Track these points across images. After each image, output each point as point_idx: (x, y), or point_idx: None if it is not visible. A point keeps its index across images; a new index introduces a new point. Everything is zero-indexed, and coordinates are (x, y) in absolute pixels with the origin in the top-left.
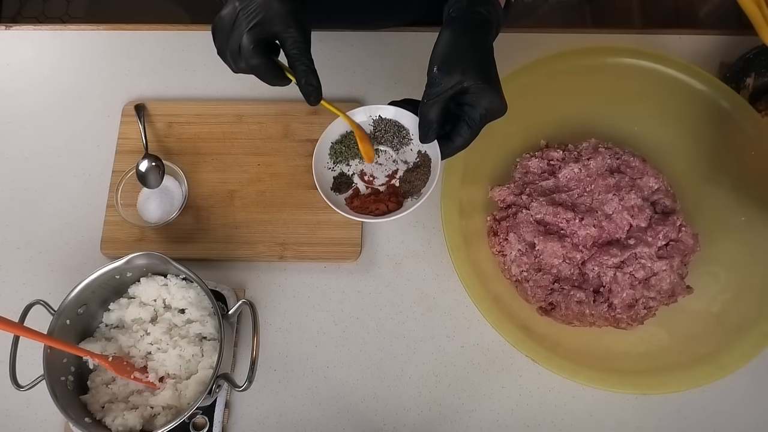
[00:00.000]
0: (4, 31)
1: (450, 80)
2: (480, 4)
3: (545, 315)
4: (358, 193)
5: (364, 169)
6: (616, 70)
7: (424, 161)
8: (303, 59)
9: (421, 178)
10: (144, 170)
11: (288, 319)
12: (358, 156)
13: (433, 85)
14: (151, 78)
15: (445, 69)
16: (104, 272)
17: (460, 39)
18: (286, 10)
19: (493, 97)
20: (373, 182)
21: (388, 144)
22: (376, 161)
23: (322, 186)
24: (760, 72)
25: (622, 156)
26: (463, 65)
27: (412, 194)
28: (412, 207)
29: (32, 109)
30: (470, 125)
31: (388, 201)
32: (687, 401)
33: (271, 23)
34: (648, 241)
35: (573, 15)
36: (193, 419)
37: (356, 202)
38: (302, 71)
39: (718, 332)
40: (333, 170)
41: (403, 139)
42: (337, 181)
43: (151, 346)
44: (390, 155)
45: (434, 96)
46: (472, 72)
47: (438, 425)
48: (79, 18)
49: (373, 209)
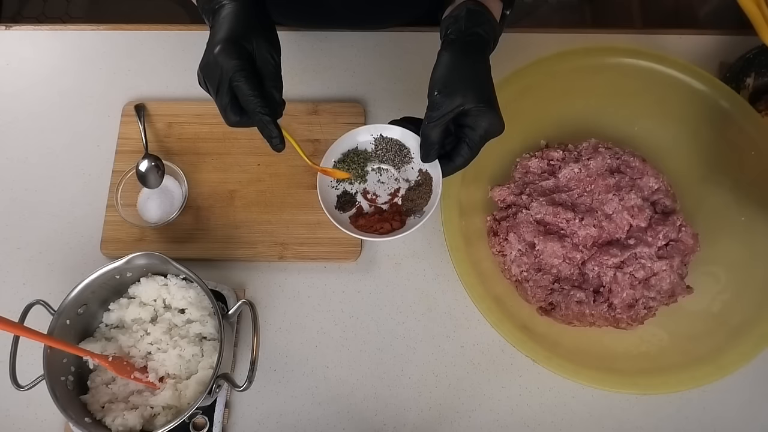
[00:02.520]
0: (4, 31)
1: (451, 104)
2: (477, 24)
3: (545, 315)
4: (362, 212)
5: (367, 187)
6: (616, 70)
7: (425, 180)
8: (257, 113)
9: (423, 196)
10: (144, 170)
11: (288, 319)
12: (360, 176)
13: (435, 108)
14: (151, 78)
15: (446, 93)
16: (104, 272)
17: (460, 62)
18: (234, 66)
19: (492, 118)
20: (376, 200)
21: (389, 163)
22: (379, 180)
23: (327, 205)
24: (760, 72)
25: (622, 156)
26: (463, 89)
27: (415, 212)
28: (415, 225)
29: (32, 109)
30: (470, 146)
31: (392, 220)
32: (687, 401)
33: (225, 84)
34: (648, 241)
35: (573, 15)
36: (193, 419)
37: (361, 221)
38: (259, 124)
39: (718, 332)
40: (336, 189)
41: (405, 157)
42: (341, 200)
43: (151, 346)
44: (392, 174)
45: (436, 119)
46: (472, 95)
47: (438, 425)
48: (79, 18)
49: (378, 228)
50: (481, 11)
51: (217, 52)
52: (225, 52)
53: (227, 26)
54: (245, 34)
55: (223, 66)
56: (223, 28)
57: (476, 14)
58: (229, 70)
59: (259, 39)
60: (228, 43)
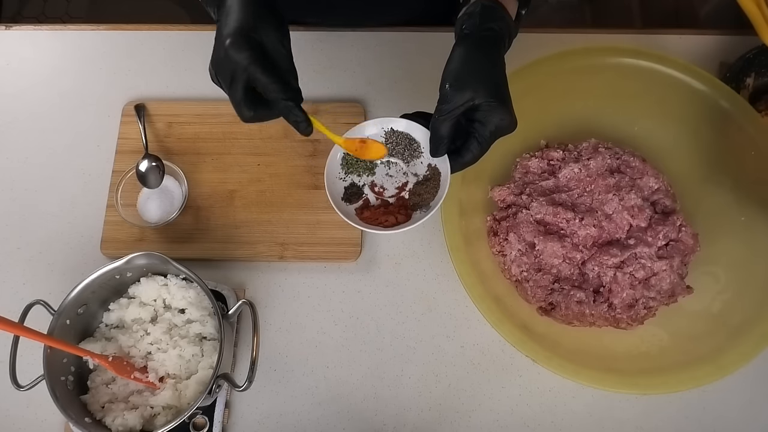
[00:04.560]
0: (4, 31)
1: (461, 97)
2: (492, 20)
3: (545, 315)
4: (368, 204)
5: (375, 180)
6: (616, 70)
7: (433, 175)
8: (280, 100)
9: (431, 191)
10: (144, 170)
11: (288, 319)
12: (368, 168)
13: (445, 101)
14: (151, 78)
15: (456, 86)
16: (104, 272)
17: (473, 56)
18: (247, 59)
19: (504, 114)
20: (383, 194)
21: (399, 156)
22: (387, 173)
23: (334, 196)
24: (760, 72)
25: (622, 156)
26: (474, 83)
27: (421, 207)
28: (421, 219)
29: (32, 109)
30: (480, 142)
31: (398, 213)
32: (687, 401)
33: (239, 78)
34: (648, 241)
35: (573, 15)
36: (193, 419)
37: (366, 213)
38: (284, 110)
39: (718, 332)
40: (344, 180)
41: (414, 152)
42: (348, 191)
43: (151, 346)
44: (401, 167)
45: (446, 112)
46: (483, 90)
47: (438, 425)
48: (79, 18)
49: (383, 221)
50: (495, 8)
51: (228, 46)
52: (236, 45)
53: (235, 18)
54: (254, 25)
55: (235, 60)
56: (231, 21)
57: (491, 10)
58: (242, 63)
59: (269, 28)
60: (238, 37)
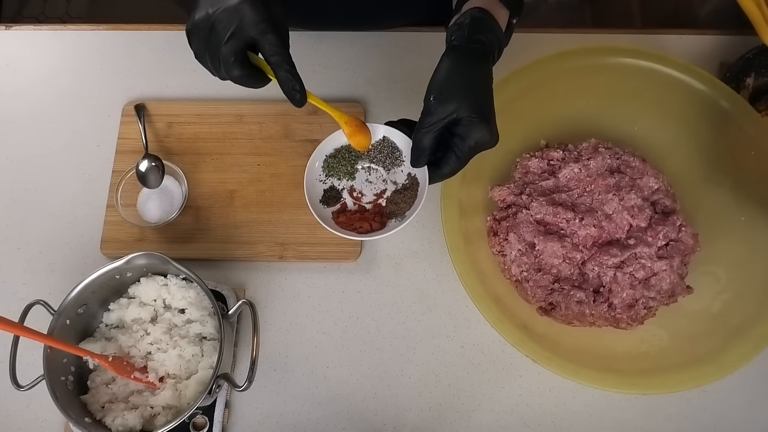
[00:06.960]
0: (4, 31)
1: (444, 111)
2: (481, 32)
3: (545, 315)
4: (345, 209)
5: (354, 185)
6: (616, 70)
7: (412, 184)
8: (283, 64)
9: (408, 201)
10: (144, 170)
11: (288, 319)
12: (349, 173)
13: (429, 113)
14: (151, 78)
15: (440, 99)
16: (104, 272)
17: (459, 69)
18: (260, 16)
19: (484, 131)
20: (361, 199)
21: (380, 163)
22: (367, 179)
23: (311, 198)
24: (760, 72)
25: (622, 156)
26: (458, 97)
27: (397, 215)
28: (394, 229)
29: (32, 109)
30: (459, 156)
31: (373, 220)
32: (687, 401)
33: (246, 31)
34: (648, 241)
35: (573, 15)
36: (193, 419)
37: (342, 218)
38: (284, 76)
39: (718, 332)
40: (324, 183)
41: (396, 160)
42: (327, 194)
43: (151, 346)
44: (381, 174)
45: (428, 125)
46: (466, 105)
47: (438, 425)
48: (78, 18)
49: (357, 227)
50: (485, 19)
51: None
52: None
53: None
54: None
55: (248, 14)
56: None
57: (480, 22)
58: (254, 18)
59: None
60: None
